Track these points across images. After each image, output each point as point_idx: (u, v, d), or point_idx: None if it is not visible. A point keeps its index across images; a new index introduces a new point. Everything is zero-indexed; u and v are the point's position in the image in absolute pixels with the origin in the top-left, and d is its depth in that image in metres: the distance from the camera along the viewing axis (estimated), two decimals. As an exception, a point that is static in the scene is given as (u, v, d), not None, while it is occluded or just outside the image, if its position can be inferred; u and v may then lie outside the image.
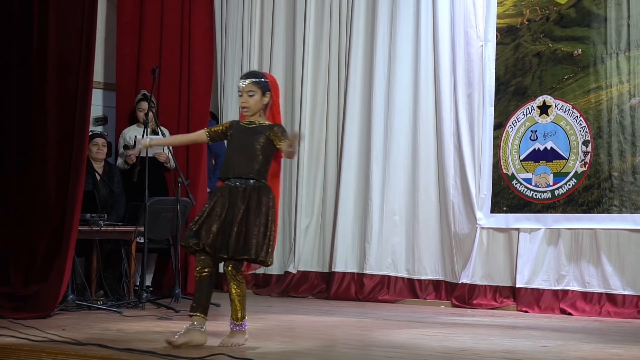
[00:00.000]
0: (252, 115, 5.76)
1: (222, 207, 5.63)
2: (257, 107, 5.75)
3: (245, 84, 5.74)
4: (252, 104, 5.73)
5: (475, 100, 9.03)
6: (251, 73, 5.94)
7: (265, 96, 5.76)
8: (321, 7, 10.16)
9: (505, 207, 8.80)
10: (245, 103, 5.74)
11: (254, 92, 5.72)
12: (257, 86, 5.73)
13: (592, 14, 8.45)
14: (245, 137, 5.73)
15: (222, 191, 5.69)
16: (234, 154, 5.76)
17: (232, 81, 10.65)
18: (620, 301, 8.11)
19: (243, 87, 5.74)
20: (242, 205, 5.61)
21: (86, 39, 7.41)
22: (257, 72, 6.05)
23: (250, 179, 5.66)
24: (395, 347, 5.70)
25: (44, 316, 6.91)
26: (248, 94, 5.72)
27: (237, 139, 5.77)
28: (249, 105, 5.73)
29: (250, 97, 5.72)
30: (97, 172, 8.74)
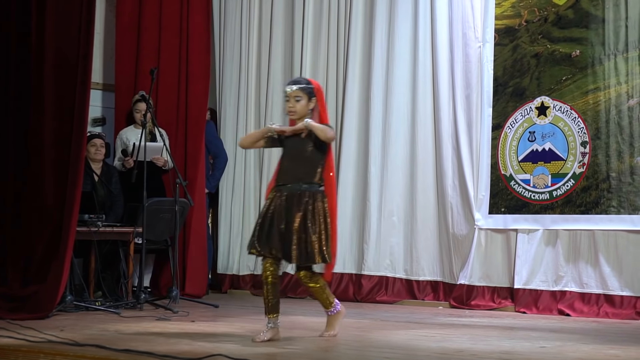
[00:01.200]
0: (299, 120, 6.05)
1: (280, 214, 5.95)
2: (304, 111, 6.07)
3: (293, 89, 6.08)
4: (299, 109, 6.06)
5: (474, 101, 9.03)
6: (297, 79, 6.30)
7: (311, 101, 6.08)
8: (319, 8, 10.16)
9: (503, 208, 8.80)
10: (292, 108, 6.08)
11: (300, 97, 6.06)
12: (303, 92, 6.06)
13: (590, 15, 8.46)
14: (296, 143, 6.04)
15: (277, 197, 6.00)
16: (286, 160, 6.11)
17: (230, 82, 10.65)
18: (618, 302, 8.12)
19: (290, 92, 6.08)
20: (298, 212, 5.92)
21: (84, 40, 7.41)
22: (303, 78, 6.48)
23: (303, 184, 5.99)
24: (393, 348, 5.71)
25: (42, 317, 6.91)
26: (295, 99, 6.06)
27: (288, 145, 6.10)
28: (295, 109, 6.07)
29: (297, 102, 6.06)
30: (95, 173, 8.74)
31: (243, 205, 10.53)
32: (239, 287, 10.38)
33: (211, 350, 5.14)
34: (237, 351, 5.21)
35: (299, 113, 6.07)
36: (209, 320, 7.32)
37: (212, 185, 10.24)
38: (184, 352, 5.16)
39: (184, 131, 9.81)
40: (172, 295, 8.12)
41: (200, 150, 9.79)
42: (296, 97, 6.07)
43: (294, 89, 6.09)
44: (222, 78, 10.71)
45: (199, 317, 7.48)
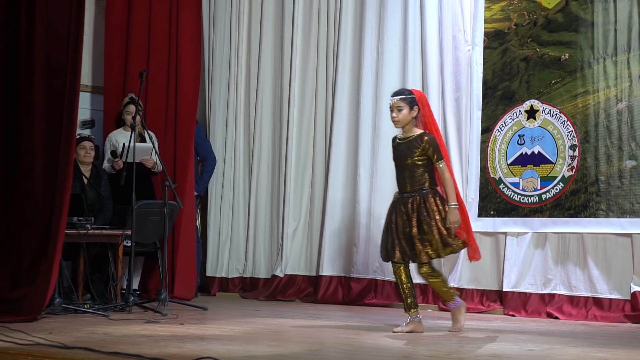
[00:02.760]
0: (404, 127, 6.78)
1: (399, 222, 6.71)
2: (406, 120, 6.75)
3: (394, 100, 6.77)
4: (401, 118, 6.75)
5: (463, 104, 9.04)
6: (400, 90, 6.98)
7: (414, 110, 6.73)
8: (309, 10, 10.17)
9: (492, 211, 8.81)
10: (395, 117, 6.76)
11: (402, 107, 6.73)
12: (404, 102, 6.73)
13: (579, 19, 8.48)
14: (402, 151, 6.78)
15: (395, 206, 6.80)
16: (397, 168, 6.86)
17: (219, 85, 10.66)
18: (607, 305, 8.14)
19: (392, 103, 6.78)
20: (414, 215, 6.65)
21: (74, 42, 7.40)
22: (405, 89, 7.12)
23: (416, 191, 6.71)
24: (382, 351, 5.71)
25: (31, 320, 6.89)
26: (397, 109, 6.74)
27: (397, 155, 6.84)
28: (398, 119, 6.75)
29: (399, 112, 6.74)
30: (84, 176, 8.73)
31: (232, 208, 10.53)
32: (228, 290, 10.38)
33: (200, 353, 5.14)
34: (226, 354, 5.20)
35: (402, 122, 6.76)
36: (197, 322, 7.32)
37: (200, 188, 10.24)
38: (172, 354, 5.16)
39: (174, 134, 9.79)
40: (161, 298, 8.10)
41: (189, 152, 9.78)
42: (398, 107, 6.73)
43: (395, 100, 6.76)
44: (211, 80, 10.71)
45: (187, 319, 7.47)
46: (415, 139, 6.73)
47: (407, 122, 6.76)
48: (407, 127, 6.79)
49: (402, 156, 6.78)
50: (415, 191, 6.71)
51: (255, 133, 10.43)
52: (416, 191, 6.71)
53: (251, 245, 10.39)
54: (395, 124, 6.84)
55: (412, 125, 6.78)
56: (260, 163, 10.43)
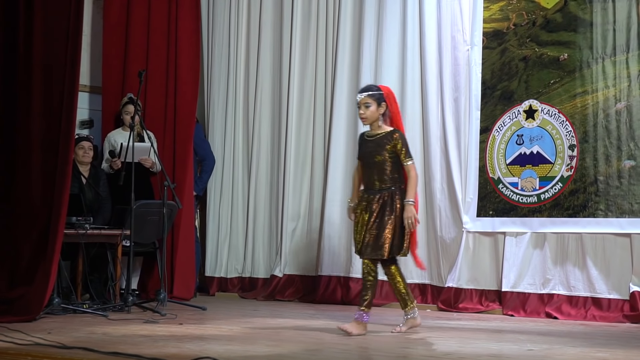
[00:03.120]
0: (372, 124, 6.69)
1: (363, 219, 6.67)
2: (374, 116, 6.67)
3: (362, 97, 6.68)
4: (369, 114, 6.66)
5: (462, 104, 9.04)
6: (367, 87, 6.90)
7: (381, 106, 6.65)
8: (308, 11, 10.17)
9: (491, 211, 8.81)
10: (363, 114, 6.66)
11: (370, 104, 6.64)
12: (372, 98, 6.65)
13: (578, 19, 8.48)
14: (371, 148, 6.69)
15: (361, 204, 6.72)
16: (365, 166, 6.76)
17: (218, 85, 10.66)
18: (606, 305, 8.14)
19: (360, 100, 6.68)
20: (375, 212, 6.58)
21: (72, 42, 7.39)
22: (372, 85, 7.05)
23: (384, 189, 6.63)
24: (381, 351, 5.71)
25: (30, 320, 6.89)
26: (365, 106, 6.65)
27: (365, 152, 6.74)
28: (366, 115, 6.66)
29: (367, 109, 6.65)
30: (83, 176, 8.73)
31: (231, 208, 10.53)
32: (226, 290, 10.38)
33: (199, 353, 5.14)
34: (225, 354, 5.20)
35: (370, 118, 6.67)
36: (196, 322, 7.31)
37: (199, 188, 10.24)
38: (171, 354, 5.15)
39: (172, 134, 9.79)
40: (159, 298, 8.10)
41: (188, 153, 9.78)
42: (366, 104, 6.65)
43: (363, 96, 6.67)
44: (210, 81, 10.71)
45: (186, 319, 7.47)
46: (385, 136, 6.67)
47: (375, 119, 6.69)
48: (375, 124, 6.71)
49: (370, 153, 6.70)
50: (384, 189, 6.64)
51: (254, 133, 10.43)
52: (385, 189, 6.64)
53: (250, 245, 10.39)
54: (362, 121, 6.78)
55: (379, 121, 6.70)
56: (259, 163, 10.43)
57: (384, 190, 6.64)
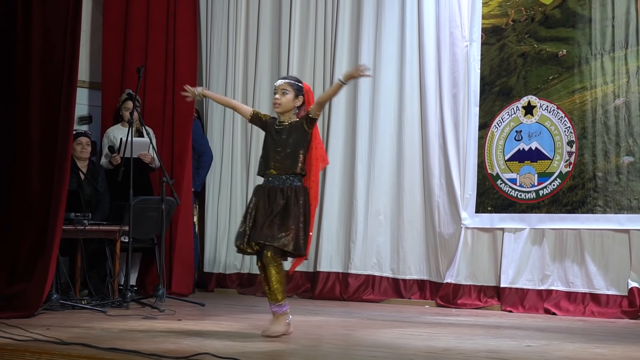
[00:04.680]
0: (284, 114, 6.24)
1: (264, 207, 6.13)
2: (289, 105, 6.22)
3: (281, 82, 6.25)
4: (284, 102, 6.21)
5: (460, 100, 9.04)
6: (288, 76, 6.68)
7: (298, 99, 6.22)
8: (306, 6, 10.17)
9: (489, 207, 8.81)
10: (277, 100, 6.21)
11: (287, 91, 6.21)
12: (291, 87, 6.22)
13: (576, 15, 8.48)
14: (279, 136, 6.20)
15: (261, 191, 6.22)
16: (269, 151, 6.25)
17: (217, 81, 10.65)
18: (604, 301, 8.14)
19: (278, 85, 6.25)
20: (281, 202, 6.09)
21: (71, 38, 7.38)
22: (295, 77, 6.65)
23: (287, 176, 6.16)
24: (379, 347, 5.71)
25: (28, 315, 6.89)
26: (282, 91, 6.21)
27: (270, 138, 6.26)
28: (280, 101, 6.21)
29: (283, 95, 6.20)
30: (81, 171, 8.72)
31: (230, 204, 10.53)
32: (225, 286, 10.38)
33: (197, 349, 5.13)
34: (224, 350, 5.20)
35: (284, 106, 6.21)
36: (195, 318, 7.32)
37: (197, 184, 10.23)
38: (170, 350, 5.15)
39: (171, 130, 9.80)
40: (158, 294, 8.11)
41: (187, 149, 9.78)
42: (283, 90, 6.21)
43: (282, 82, 6.25)
44: (209, 76, 10.71)
45: (185, 315, 7.47)
46: (294, 124, 6.21)
47: (289, 109, 6.21)
48: (287, 114, 6.23)
49: (276, 141, 6.21)
50: (285, 179, 6.16)
51: (253, 129, 10.42)
52: (286, 179, 6.16)
53: (249, 241, 10.38)
54: (275, 107, 6.28)
55: (292, 113, 6.23)
56: (258, 158, 10.39)
57: (287, 183, 6.14)
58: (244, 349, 5.38)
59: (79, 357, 5.02)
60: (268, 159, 6.26)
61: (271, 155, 6.23)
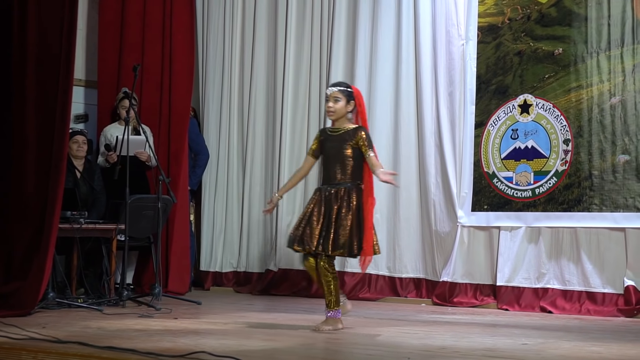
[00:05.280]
0: (338, 120, 6.58)
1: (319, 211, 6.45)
2: (342, 112, 6.55)
3: (333, 90, 6.58)
4: (338, 109, 6.54)
5: (457, 99, 9.05)
6: (338, 82, 6.85)
7: (350, 104, 6.55)
8: (302, 5, 10.16)
9: (486, 205, 8.82)
10: (331, 107, 6.55)
11: (339, 98, 6.53)
12: (342, 94, 6.54)
13: (572, 13, 8.48)
14: (334, 144, 6.54)
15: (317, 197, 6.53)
16: (327, 160, 6.62)
17: (213, 80, 10.65)
18: (600, 299, 8.15)
19: (330, 93, 6.58)
20: (334, 207, 6.40)
21: (67, 36, 7.38)
22: (344, 82, 6.95)
23: (343, 183, 6.47)
24: (376, 345, 5.72)
25: (24, 314, 6.89)
26: (334, 99, 6.54)
27: (328, 147, 6.59)
28: (334, 109, 6.55)
29: (336, 102, 6.53)
30: (77, 170, 8.72)
31: (226, 203, 10.53)
32: (221, 285, 10.39)
33: (194, 347, 5.14)
34: (220, 348, 5.20)
35: (337, 113, 6.56)
36: (191, 317, 7.32)
37: (193, 182, 10.23)
38: (166, 349, 5.15)
39: (167, 128, 9.79)
40: (154, 293, 8.10)
41: (183, 147, 9.78)
42: (335, 98, 6.54)
43: (334, 90, 6.57)
44: (205, 75, 10.70)
45: (181, 314, 7.47)
46: (349, 132, 6.51)
47: (342, 115, 6.55)
48: (341, 120, 6.57)
49: (333, 148, 6.53)
50: (341, 184, 6.47)
51: (249, 127, 10.42)
52: (341, 184, 6.47)
53: (245, 239, 10.39)
54: (329, 115, 6.63)
55: (345, 119, 6.58)
56: (254, 157, 10.42)
57: (341, 185, 6.47)
58: (240, 347, 5.38)
59: (75, 355, 5.02)
60: (327, 167, 6.60)
61: (330, 164, 6.57)
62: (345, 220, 6.36)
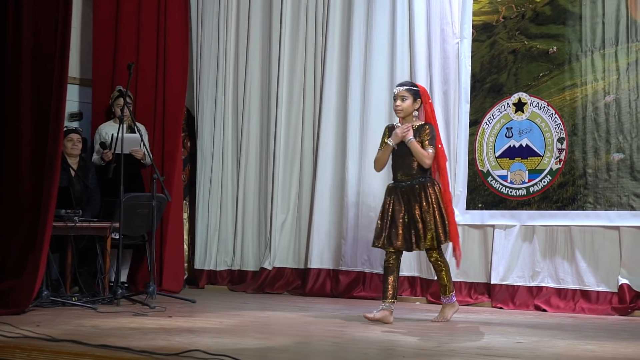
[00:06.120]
0: (405, 118, 6.94)
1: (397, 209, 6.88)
2: (409, 110, 6.93)
3: (400, 90, 6.96)
4: (405, 107, 6.92)
5: (451, 97, 9.05)
6: (405, 82, 7.25)
7: (417, 102, 6.94)
8: (297, 4, 10.16)
9: (480, 203, 8.83)
10: (398, 106, 6.92)
11: (406, 97, 6.91)
12: (409, 92, 6.93)
13: (567, 12, 8.49)
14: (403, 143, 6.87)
15: (392, 194, 6.94)
16: (396, 156, 6.98)
17: (207, 78, 10.64)
18: (594, 297, 8.16)
19: (397, 92, 6.97)
20: (415, 203, 6.82)
21: (61, 34, 7.37)
22: (410, 81, 7.60)
23: (414, 178, 6.87)
24: (371, 343, 5.72)
25: (18, 312, 6.88)
26: (401, 98, 6.91)
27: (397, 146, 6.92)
28: (402, 107, 6.92)
29: (403, 101, 6.91)
30: (72, 168, 8.71)
31: (220, 201, 10.52)
32: (216, 283, 10.38)
33: (188, 346, 5.13)
34: (215, 346, 5.20)
35: (405, 111, 6.92)
36: (186, 315, 7.31)
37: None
38: (161, 347, 5.15)
39: (162, 127, 9.79)
40: (149, 291, 8.10)
41: (177, 145, 9.78)
42: (402, 97, 6.91)
43: (401, 89, 6.94)
44: (199, 73, 10.69)
45: (176, 312, 7.47)
46: (417, 128, 6.91)
47: (409, 113, 6.95)
48: (409, 118, 6.97)
49: (403, 148, 6.91)
50: (414, 179, 6.88)
51: (244, 125, 10.42)
52: (415, 179, 6.88)
53: (239, 238, 10.39)
54: (397, 113, 7.02)
55: (412, 117, 6.97)
56: (249, 155, 10.41)
57: (414, 181, 6.88)
58: (235, 345, 5.38)
59: (69, 353, 5.02)
60: (396, 163, 6.99)
61: (398, 160, 6.96)
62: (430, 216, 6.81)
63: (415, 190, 6.86)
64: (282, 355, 5.17)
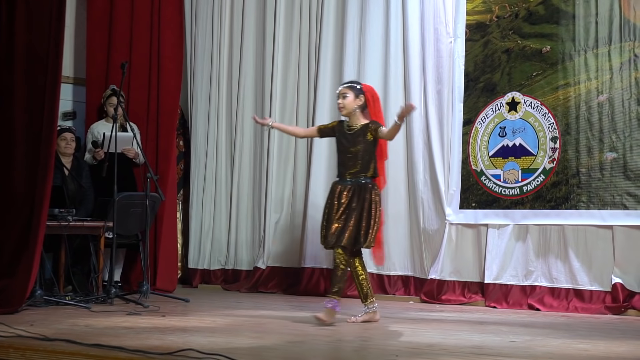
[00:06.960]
0: (350, 116, 6.95)
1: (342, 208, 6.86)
2: (351, 106, 6.92)
3: (341, 88, 7.01)
4: (346, 103, 6.92)
5: (445, 97, 9.05)
6: (348, 81, 7.33)
7: (359, 98, 6.92)
8: (291, 3, 10.16)
9: (474, 203, 8.83)
10: (340, 103, 6.93)
11: (347, 95, 6.92)
12: (350, 90, 6.94)
13: (560, 11, 8.50)
14: (348, 140, 6.93)
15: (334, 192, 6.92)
16: (341, 154, 6.98)
17: (201, 77, 10.63)
18: (588, 297, 8.17)
19: (339, 91, 7.00)
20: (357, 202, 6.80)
21: (55, 33, 7.36)
22: (354, 80, 7.54)
23: (357, 177, 6.86)
24: (364, 342, 5.72)
25: (12, 312, 6.87)
26: (342, 96, 6.93)
27: (341, 142, 6.99)
28: (343, 104, 6.92)
29: (344, 99, 6.91)
30: (65, 167, 8.70)
31: (214, 200, 10.52)
32: (209, 282, 10.38)
33: (182, 345, 5.13)
34: (208, 345, 5.20)
35: (347, 108, 6.92)
36: (179, 314, 7.31)
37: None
38: (154, 346, 5.15)
39: (156, 126, 9.79)
40: (142, 290, 8.10)
41: (171, 144, 9.78)
42: (343, 94, 6.92)
43: (342, 87, 7.00)
44: (193, 72, 10.69)
45: (169, 311, 7.47)
46: (362, 128, 6.90)
47: (352, 109, 6.93)
48: (353, 116, 6.95)
49: (347, 144, 6.93)
50: (355, 181, 6.88)
51: (237, 125, 10.42)
52: (355, 181, 6.88)
53: (233, 237, 10.39)
54: (340, 110, 7.01)
55: (358, 114, 6.94)
56: (243, 155, 10.41)
57: (354, 181, 6.87)
58: (228, 344, 5.38)
59: (62, 353, 5.01)
60: (341, 162, 6.97)
61: (344, 159, 6.94)
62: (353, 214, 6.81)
63: (357, 189, 6.86)
64: (276, 354, 5.18)
